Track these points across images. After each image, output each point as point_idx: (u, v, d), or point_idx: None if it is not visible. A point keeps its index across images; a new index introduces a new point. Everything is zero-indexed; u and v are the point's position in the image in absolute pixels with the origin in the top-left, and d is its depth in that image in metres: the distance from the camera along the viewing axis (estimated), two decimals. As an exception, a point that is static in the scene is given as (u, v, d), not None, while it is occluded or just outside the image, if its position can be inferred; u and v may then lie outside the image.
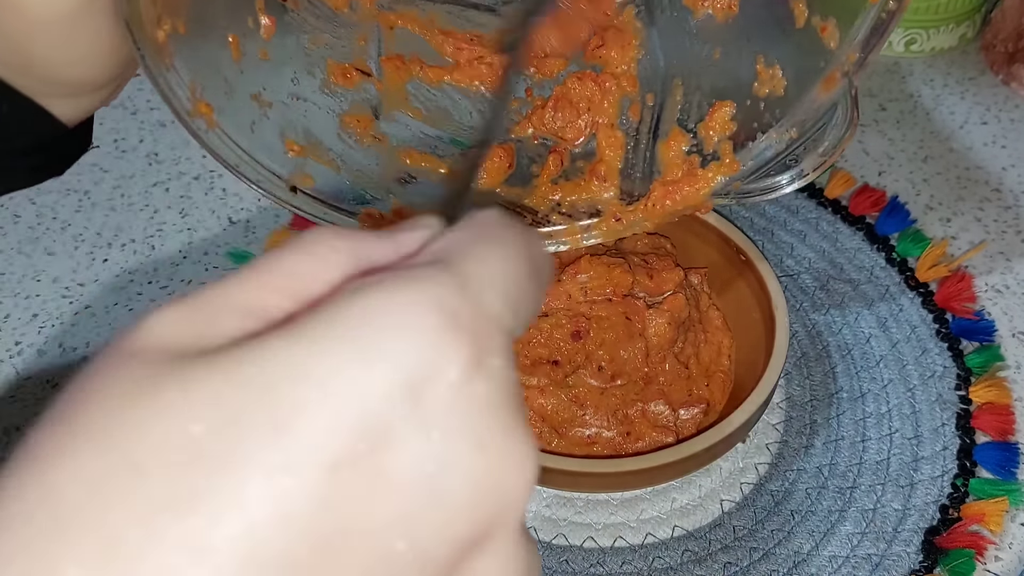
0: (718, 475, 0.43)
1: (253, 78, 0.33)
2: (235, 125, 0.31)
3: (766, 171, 0.33)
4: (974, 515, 0.41)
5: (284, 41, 0.33)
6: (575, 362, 0.43)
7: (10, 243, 0.57)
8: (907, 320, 0.49)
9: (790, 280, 0.52)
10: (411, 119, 0.37)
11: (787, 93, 0.33)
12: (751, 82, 0.33)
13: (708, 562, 0.40)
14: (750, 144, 0.33)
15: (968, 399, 0.46)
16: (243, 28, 0.32)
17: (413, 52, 0.36)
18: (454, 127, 0.38)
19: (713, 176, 0.34)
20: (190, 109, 0.30)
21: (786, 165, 0.33)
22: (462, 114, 0.37)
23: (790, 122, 0.32)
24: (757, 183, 0.34)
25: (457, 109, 0.37)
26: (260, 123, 0.33)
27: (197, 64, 0.30)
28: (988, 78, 0.66)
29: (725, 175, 0.34)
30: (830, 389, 0.47)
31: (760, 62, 0.33)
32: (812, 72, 0.31)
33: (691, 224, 0.48)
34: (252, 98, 0.33)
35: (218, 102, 0.30)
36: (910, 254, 0.53)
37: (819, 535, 0.41)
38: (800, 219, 0.55)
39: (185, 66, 0.29)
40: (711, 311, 0.48)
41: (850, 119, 0.31)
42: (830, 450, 0.44)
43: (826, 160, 0.32)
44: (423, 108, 0.37)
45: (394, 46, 0.36)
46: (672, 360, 0.44)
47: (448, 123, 0.37)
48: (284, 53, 0.33)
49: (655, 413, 0.42)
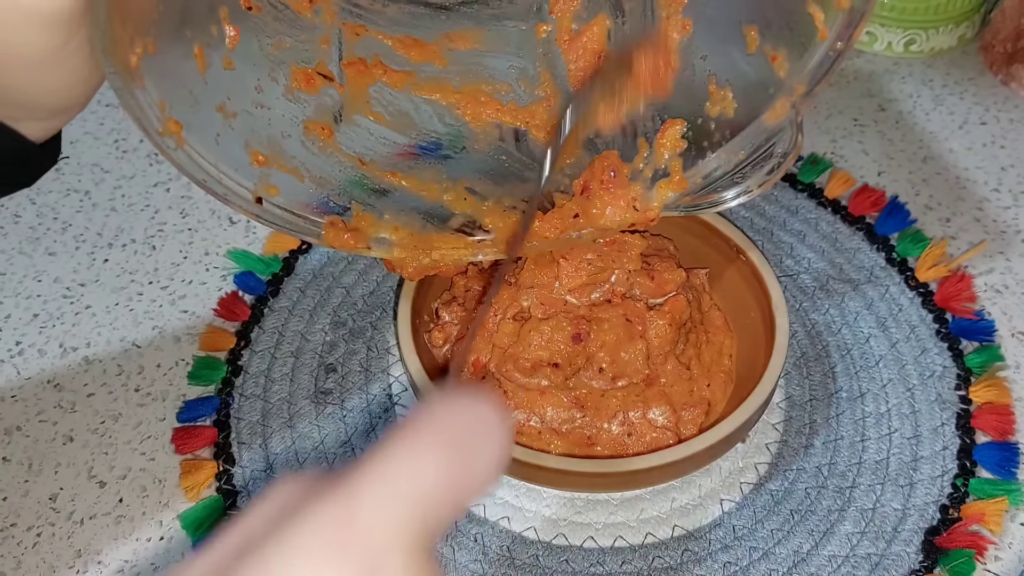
0: (718, 475, 0.43)
1: (218, 88, 0.33)
2: (202, 139, 0.32)
3: (713, 188, 0.34)
4: (974, 515, 0.41)
5: (248, 49, 0.33)
6: (576, 364, 0.43)
7: (11, 243, 0.57)
8: (907, 320, 0.49)
9: (790, 280, 0.52)
10: (372, 123, 0.37)
11: (737, 115, 0.33)
12: (704, 101, 0.34)
13: (708, 562, 0.40)
14: (700, 162, 0.35)
15: (968, 399, 0.46)
16: (207, 39, 0.32)
17: (376, 55, 0.36)
18: (415, 132, 0.38)
19: (663, 192, 0.35)
20: (160, 128, 0.30)
21: (733, 182, 0.34)
22: (423, 119, 0.38)
23: (739, 144, 0.33)
24: (703, 197, 0.35)
25: (419, 113, 0.38)
26: (225, 134, 0.33)
27: (164, 81, 0.30)
28: (987, 78, 0.66)
29: (675, 191, 0.35)
30: (829, 389, 0.47)
31: (712, 83, 0.34)
32: (762, 97, 0.32)
33: (691, 225, 0.48)
34: (217, 109, 0.33)
35: (185, 117, 0.31)
36: (910, 254, 0.53)
37: (819, 535, 0.41)
38: (800, 219, 0.55)
39: (154, 85, 0.29)
40: (713, 312, 0.48)
41: (795, 142, 0.33)
42: (830, 450, 0.44)
43: (770, 179, 0.34)
44: (385, 112, 0.37)
45: (357, 48, 0.36)
46: (673, 361, 0.44)
47: (410, 128, 0.38)
48: (248, 61, 0.33)
49: (656, 415, 0.42)
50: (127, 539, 0.43)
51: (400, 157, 0.38)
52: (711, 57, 0.34)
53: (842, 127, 0.62)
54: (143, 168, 0.62)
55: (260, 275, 0.53)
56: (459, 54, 0.37)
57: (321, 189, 0.35)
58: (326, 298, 0.52)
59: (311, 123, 0.36)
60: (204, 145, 0.32)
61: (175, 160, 0.31)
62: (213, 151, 0.32)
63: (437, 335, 0.46)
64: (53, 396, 0.48)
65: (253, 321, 0.51)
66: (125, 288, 0.54)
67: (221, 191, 0.33)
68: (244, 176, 0.33)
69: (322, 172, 0.36)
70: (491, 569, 0.40)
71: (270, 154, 0.34)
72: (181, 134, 0.31)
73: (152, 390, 0.48)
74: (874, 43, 0.69)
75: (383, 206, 0.37)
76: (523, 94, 0.38)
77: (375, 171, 0.37)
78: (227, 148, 0.33)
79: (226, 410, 0.47)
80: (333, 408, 0.47)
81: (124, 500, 0.44)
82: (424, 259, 0.38)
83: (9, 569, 0.42)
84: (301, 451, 0.45)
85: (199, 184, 0.32)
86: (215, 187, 0.32)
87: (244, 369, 0.49)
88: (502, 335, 0.44)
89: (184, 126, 0.31)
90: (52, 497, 0.44)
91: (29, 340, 0.51)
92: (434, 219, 0.38)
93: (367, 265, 0.54)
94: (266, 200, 0.34)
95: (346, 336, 0.50)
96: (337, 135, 0.36)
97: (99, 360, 0.50)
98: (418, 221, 0.38)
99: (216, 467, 0.44)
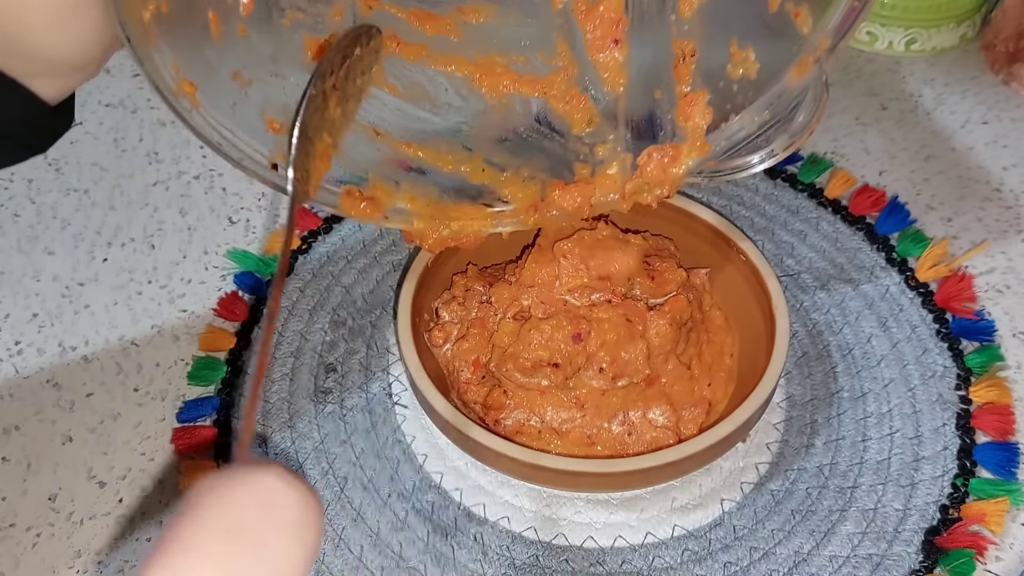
0: (718, 474, 0.43)
1: (233, 56, 0.32)
2: (217, 105, 0.31)
3: (737, 151, 0.33)
4: (974, 515, 0.41)
5: (261, 17, 0.33)
6: (576, 364, 0.43)
7: (10, 242, 0.57)
8: (907, 320, 0.49)
9: (790, 280, 0.52)
10: (387, 95, 0.37)
11: (759, 76, 0.33)
12: (724, 64, 0.33)
13: (708, 562, 0.40)
14: (723, 125, 0.33)
15: (968, 399, 0.46)
16: (221, 4, 0.32)
17: (389, 28, 0.36)
18: (430, 103, 0.38)
19: (685, 158, 0.34)
20: (174, 88, 0.30)
21: (757, 145, 0.33)
22: (437, 90, 0.37)
23: (762, 105, 0.32)
24: (728, 162, 0.34)
25: (433, 85, 0.37)
26: (241, 102, 0.33)
27: (179, 45, 0.30)
28: (989, 78, 0.66)
29: (697, 156, 0.34)
30: (831, 389, 0.46)
31: (734, 44, 0.33)
32: (785, 56, 0.31)
33: (691, 224, 0.48)
34: (232, 77, 0.32)
35: (200, 82, 0.30)
36: (910, 254, 0.53)
37: (819, 535, 0.41)
38: (800, 219, 0.55)
39: (168, 48, 0.29)
40: (713, 311, 0.48)
41: (820, 102, 0.31)
42: (831, 450, 0.44)
43: (796, 141, 0.33)
44: (399, 84, 0.37)
45: (370, 21, 0.36)
46: (674, 361, 0.44)
47: (424, 98, 0.37)
48: (261, 29, 0.33)
49: (656, 414, 0.42)
50: (127, 539, 0.42)
51: (414, 125, 0.38)
52: (731, 19, 0.34)
53: (843, 126, 0.62)
54: (142, 167, 0.62)
55: (260, 275, 0.53)
56: (474, 27, 0.37)
57: (335, 159, 0.35)
58: (326, 297, 0.52)
59: None
60: (220, 111, 0.31)
61: (190, 122, 0.31)
62: (229, 118, 0.32)
63: (437, 335, 0.46)
64: (52, 395, 0.48)
65: (253, 321, 0.51)
66: (124, 287, 0.54)
67: (237, 155, 0.32)
68: (259, 142, 0.33)
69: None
70: (491, 569, 0.40)
71: (285, 121, 0.34)
72: (196, 95, 0.30)
73: (151, 390, 0.48)
74: (875, 42, 0.69)
75: (399, 176, 0.37)
76: (540, 65, 0.37)
77: (390, 141, 0.37)
78: (243, 115, 0.33)
79: (226, 410, 0.47)
80: (333, 407, 0.47)
81: (124, 500, 0.44)
82: (444, 230, 0.37)
83: (8, 569, 0.41)
84: (301, 451, 0.45)
85: (214, 147, 0.32)
86: (231, 151, 0.32)
87: (244, 369, 0.49)
88: (502, 335, 0.44)
89: (199, 90, 0.30)
90: (51, 497, 0.44)
91: (28, 339, 0.51)
92: (451, 191, 0.38)
93: (367, 264, 0.54)
94: (281, 167, 0.34)
95: (346, 335, 0.50)
96: None
97: (98, 359, 0.50)
98: (434, 191, 0.38)
99: (216, 467, 0.44)
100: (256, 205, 0.58)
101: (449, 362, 0.45)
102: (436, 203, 0.37)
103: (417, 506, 0.43)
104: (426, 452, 0.45)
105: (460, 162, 0.38)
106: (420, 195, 0.37)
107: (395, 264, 0.54)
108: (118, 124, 0.65)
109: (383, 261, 0.54)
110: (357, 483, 0.44)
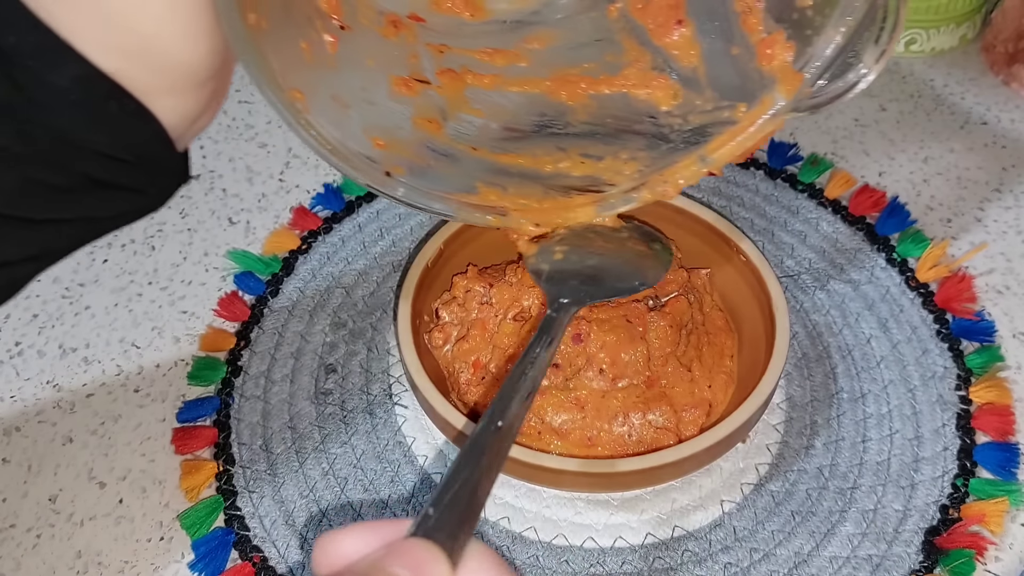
0: (718, 475, 0.43)
1: (327, 82, 0.32)
2: (323, 118, 0.31)
3: (831, 72, 0.32)
4: (974, 515, 0.41)
5: (348, 53, 0.33)
6: (576, 365, 0.43)
7: (10, 243, 0.57)
8: (907, 321, 0.49)
9: (790, 280, 0.52)
10: (475, 118, 0.37)
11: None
12: (791, 2, 0.33)
13: (708, 562, 0.40)
14: (807, 50, 0.32)
15: (968, 399, 0.46)
16: (312, 36, 0.31)
17: (463, 66, 0.36)
18: (510, 116, 0.38)
19: (781, 94, 0.33)
20: (284, 94, 0.28)
21: (847, 65, 0.32)
22: (520, 108, 0.38)
23: (841, 14, 0.31)
24: (827, 91, 0.33)
25: (514, 104, 0.38)
26: (343, 120, 0.32)
27: (282, 60, 0.29)
28: (988, 79, 0.66)
29: (791, 89, 0.33)
30: (830, 390, 0.46)
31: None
32: None
33: (692, 225, 0.48)
34: (332, 98, 0.32)
35: (306, 94, 0.30)
36: (910, 254, 0.53)
37: (819, 536, 0.41)
38: (800, 219, 0.55)
39: (273, 59, 0.28)
40: (714, 312, 0.48)
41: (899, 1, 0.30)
42: (831, 451, 0.44)
43: (885, 49, 0.31)
44: (483, 108, 0.37)
45: (443, 62, 0.36)
46: (674, 362, 0.44)
47: (505, 115, 0.38)
48: (350, 64, 0.33)
49: (656, 416, 0.42)
50: (127, 539, 0.42)
51: (507, 138, 0.38)
52: None
53: (843, 127, 0.62)
54: (143, 168, 0.62)
55: (260, 275, 0.53)
56: (540, 52, 0.37)
57: (442, 172, 0.36)
58: (326, 299, 0.52)
59: (418, 119, 0.36)
60: (326, 122, 0.31)
61: (305, 125, 0.29)
62: (335, 130, 0.31)
63: (437, 335, 0.46)
64: (52, 397, 0.48)
65: (253, 322, 0.51)
66: (124, 288, 0.54)
67: (353, 163, 0.32)
68: (366, 151, 0.33)
69: (439, 161, 0.36)
70: (491, 570, 0.40)
71: (388, 141, 0.34)
72: (305, 102, 0.29)
73: (152, 391, 0.48)
74: (875, 43, 0.68)
75: (504, 181, 0.38)
76: (612, 64, 0.38)
77: (488, 155, 0.37)
78: (347, 130, 0.32)
79: (226, 411, 0.47)
80: (333, 409, 0.47)
81: (124, 501, 0.44)
82: (558, 220, 0.39)
83: (9, 570, 0.41)
84: (301, 451, 0.45)
85: (327, 154, 0.31)
86: (344, 158, 0.31)
87: (244, 370, 0.49)
88: (502, 335, 0.44)
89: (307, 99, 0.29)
90: (52, 498, 0.44)
91: (28, 341, 0.51)
92: (555, 188, 0.39)
93: (367, 265, 0.54)
94: (396, 178, 0.34)
95: (346, 337, 0.50)
96: (446, 128, 0.36)
97: (98, 361, 0.50)
98: (539, 190, 0.39)
99: (216, 467, 0.44)
100: (256, 206, 0.58)
101: (449, 363, 0.45)
102: (543, 199, 0.38)
103: (418, 507, 0.43)
104: (427, 454, 0.45)
105: (558, 160, 0.39)
106: (525, 195, 0.38)
107: (395, 265, 0.54)
108: (118, 125, 0.66)
109: (383, 263, 0.54)
110: (358, 485, 0.44)
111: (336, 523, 0.42)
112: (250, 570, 0.41)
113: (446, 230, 0.48)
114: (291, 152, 0.63)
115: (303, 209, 0.57)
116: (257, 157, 0.62)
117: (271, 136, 0.64)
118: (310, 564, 0.22)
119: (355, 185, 0.59)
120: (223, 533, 0.42)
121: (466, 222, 0.38)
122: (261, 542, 0.42)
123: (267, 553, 0.41)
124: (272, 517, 0.43)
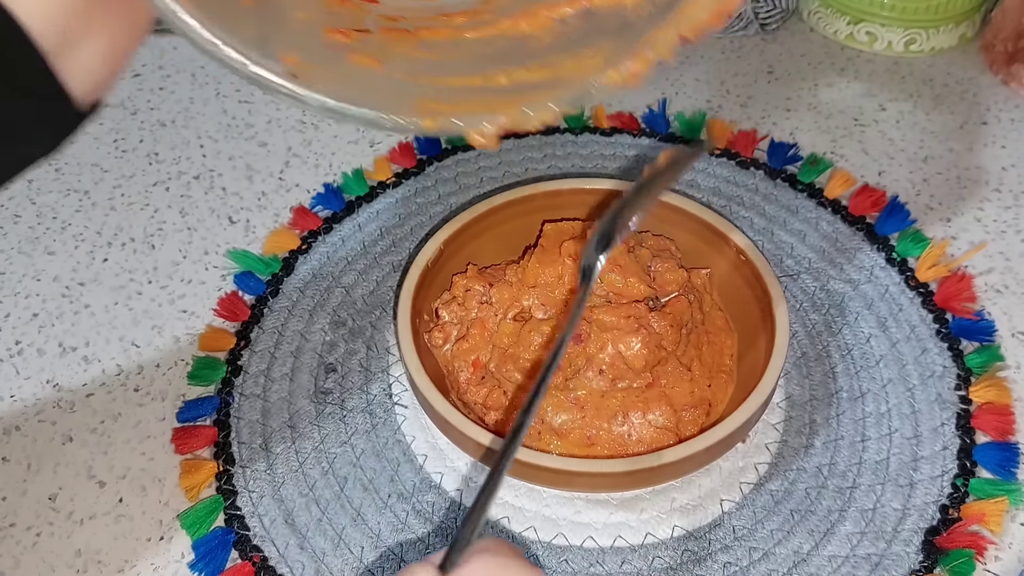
0: (718, 475, 0.43)
1: (257, 20, 0.31)
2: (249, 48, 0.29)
3: None
4: (974, 515, 0.41)
5: None
6: (576, 365, 0.43)
7: (10, 242, 0.57)
8: (907, 320, 0.49)
9: (790, 280, 0.52)
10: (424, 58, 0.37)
11: None
12: None
13: (708, 562, 0.40)
14: None
15: (968, 399, 0.46)
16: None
17: (417, 26, 0.36)
18: (463, 55, 0.37)
19: None
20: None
21: None
22: (471, 44, 0.37)
23: None
24: None
25: (464, 43, 0.37)
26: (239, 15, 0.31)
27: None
28: (988, 78, 0.66)
29: None
30: (830, 389, 0.47)
31: None
32: None
33: (691, 225, 0.48)
34: (259, 37, 0.30)
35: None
36: (910, 254, 0.53)
37: (819, 535, 0.41)
38: (800, 219, 0.55)
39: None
40: (714, 312, 0.48)
41: None
42: (830, 450, 0.44)
43: None
44: (432, 51, 0.37)
45: (395, 25, 0.36)
46: (674, 362, 0.44)
47: (458, 54, 0.37)
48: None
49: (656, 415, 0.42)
50: (127, 539, 0.42)
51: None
52: None
53: (842, 127, 0.62)
54: (142, 167, 0.62)
55: (260, 275, 0.53)
56: (503, 5, 0.37)
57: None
58: (326, 298, 0.52)
59: (356, 55, 0.35)
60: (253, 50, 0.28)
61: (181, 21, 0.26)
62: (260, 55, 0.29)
63: (437, 335, 0.46)
64: (52, 396, 0.48)
65: (253, 321, 0.51)
66: (124, 287, 0.54)
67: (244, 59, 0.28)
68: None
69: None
70: (491, 569, 0.40)
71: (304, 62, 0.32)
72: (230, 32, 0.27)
73: (151, 390, 0.48)
74: (874, 42, 0.69)
75: (454, 98, 0.37)
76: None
77: (434, 80, 0.37)
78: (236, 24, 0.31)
79: (226, 410, 0.47)
80: (333, 408, 0.47)
81: (124, 500, 0.44)
82: (517, 115, 0.37)
83: (8, 569, 0.41)
84: (301, 451, 0.45)
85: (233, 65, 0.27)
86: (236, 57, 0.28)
87: (244, 369, 0.49)
88: (502, 335, 0.44)
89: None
90: (51, 497, 0.44)
91: (28, 339, 0.51)
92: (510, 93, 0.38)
93: (367, 265, 0.54)
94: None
95: (346, 336, 0.50)
96: (385, 67, 0.36)
97: (98, 360, 0.50)
98: (493, 98, 0.37)
99: (216, 467, 0.44)
100: (256, 204, 0.58)
101: (449, 362, 0.45)
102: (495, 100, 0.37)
103: (417, 507, 0.43)
104: (426, 452, 0.45)
105: (514, 74, 0.37)
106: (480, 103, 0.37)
107: (395, 265, 0.54)
108: (118, 125, 0.66)
109: (383, 262, 0.54)
110: (357, 483, 0.44)
111: (336, 523, 0.42)
112: (250, 569, 0.41)
113: (446, 230, 0.48)
114: (291, 151, 0.63)
115: (303, 209, 0.57)
116: (257, 156, 0.62)
117: (271, 135, 0.64)
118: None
119: (355, 185, 0.59)
120: (223, 532, 0.42)
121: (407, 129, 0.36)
122: (261, 541, 0.42)
123: (267, 553, 0.41)
124: (272, 516, 0.43)
